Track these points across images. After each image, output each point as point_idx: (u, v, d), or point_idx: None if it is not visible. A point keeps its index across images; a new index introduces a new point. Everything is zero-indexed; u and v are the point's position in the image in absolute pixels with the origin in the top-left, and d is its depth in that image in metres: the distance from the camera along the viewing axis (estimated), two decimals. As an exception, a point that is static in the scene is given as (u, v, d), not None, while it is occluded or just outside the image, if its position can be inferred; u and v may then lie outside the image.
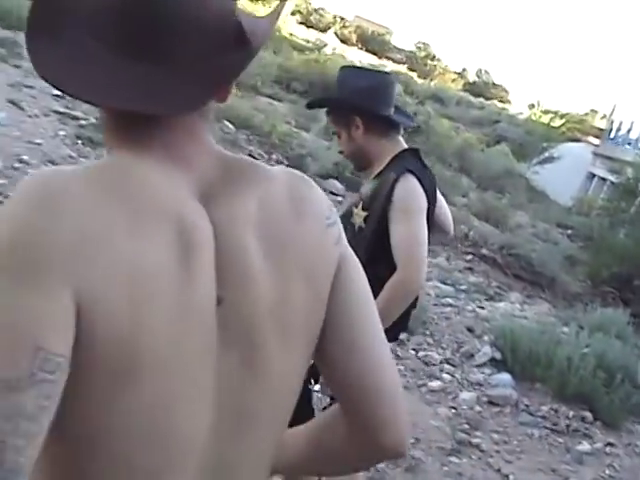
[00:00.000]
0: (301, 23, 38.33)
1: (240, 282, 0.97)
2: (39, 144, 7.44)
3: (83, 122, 9.17)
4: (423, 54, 44.47)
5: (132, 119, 0.96)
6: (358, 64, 13.24)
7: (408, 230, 2.56)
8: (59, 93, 10.28)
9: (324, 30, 40.31)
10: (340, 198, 10.43)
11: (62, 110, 9.39)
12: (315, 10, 43.17)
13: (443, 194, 2.99)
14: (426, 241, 2.56)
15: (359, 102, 2.72)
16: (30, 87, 10.10)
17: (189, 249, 0.92)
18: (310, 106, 3.17)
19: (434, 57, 45.07)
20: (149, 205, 0.91)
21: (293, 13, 38.63)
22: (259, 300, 0.98)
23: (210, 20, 0.94)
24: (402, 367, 5.44)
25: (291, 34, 29.43)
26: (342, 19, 45.01)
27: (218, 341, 0.96)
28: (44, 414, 0.83)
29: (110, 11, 0.93)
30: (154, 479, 0.97)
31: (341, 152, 2.92)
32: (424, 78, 36.06)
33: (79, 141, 8.24)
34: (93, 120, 9.20)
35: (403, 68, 35.87)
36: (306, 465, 1.29)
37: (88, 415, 0.90)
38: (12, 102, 8.88)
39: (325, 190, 10.42)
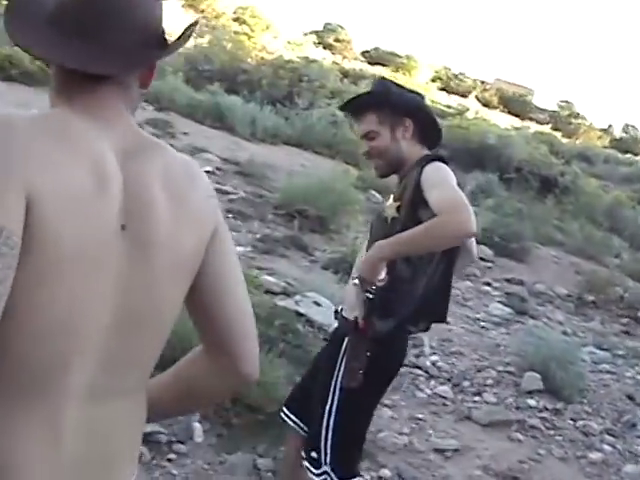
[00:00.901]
0: (442, 89, 38.47)
1: (142, 215, 1.25)
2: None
3: (233, 196, 9.50)
4: (566, 113, 43.56)
5: (71, 83, 1.31)
6: (498, 125, 12.99)
7: (446, 190, 2.59)
8: (210, 169, 10.79)
9: (465, 95, 40.29)
10: (490, 264, 10.26)
11: (213, 186, 9.76)
12: (455, 76, 43.26)
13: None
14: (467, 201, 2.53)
15: (416, 106, 2.91)
16: (183, 165, 10.58)
17: (102, 183, 1.20)
18: (349, 107, 3.14)
19: (578, 115, 44.07)
20: (77, 145, 1.21)
21: (433, 80, 38.88)
22: (156, 232, 1.27)
23: (137, 21, 1.30)
24: (560, 437, 5.21)
25: (433, 101, 29.59)
26: (482, 83, 44.85)
27: (120, 258, 1.23)
28: (7, 280, 1.09)
29: (63, 5, 1.30)
30: (52, 375, 1.20)
31: (367, 154, 2.95)
32: (569, 137, 35.27)
33: (229, 215, 8.52)
34: (243, 194, 9.52)
35: (547, 128, 35.25)
36: (175, 402, 1.55)
37: None
38: (168, 180, 9.31)
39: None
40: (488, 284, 9.31)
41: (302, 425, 3.04)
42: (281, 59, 21.25)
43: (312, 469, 2.87)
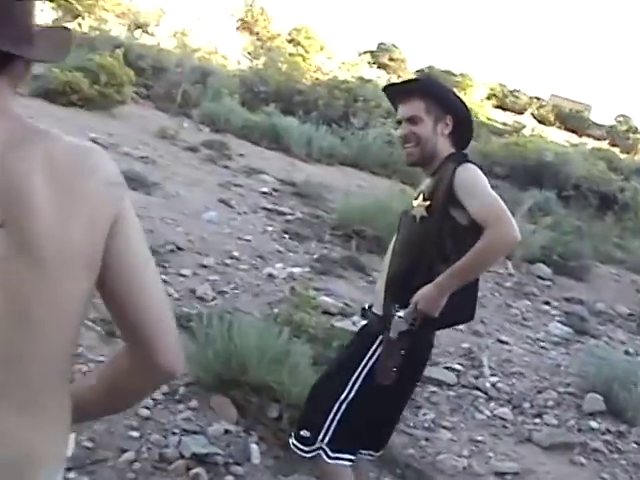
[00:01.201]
0: (497, 107, 38.22)
1: (21, 208, 1.19)
2: (248, 240, 7.82)
3: (290, 217, 9.56)
4: (624, 128, 42.80)
5: None
6: (555, 142, 12.72)
7: (487, 198, 2.68)
8: (266, 190, 10.89)
9: (521, 112, 39.93)
10: (549, 283, 10.12)
11: (270, 207, 9.86)
12: (510, 92, 42.94)
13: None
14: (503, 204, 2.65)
15: (462, 107, 3.00)
16: (239, 186, 10.71)
17: None
18: (393, 90, 3.16)
19: (636, 130, 43.26)
20: None
21: (489, 97, 38.64)
22: (38, 225, 1.20)
23: (18, 15, 1.25)
24: (624, 461, 5.09)
25: (489, 118, 29.41)
26: (538, 99, 44.39)
27: (5, 252, 1.19)
28: None
29: None
30: None
31: (403, 137, 2.98)
32: (627, 153, 34.65)
33: (286, 236, 8.58)
34: (299, 215, 9.58)
35: (604, 144, 34.69)
36: (101, 402, 1.53)
37: None
38: (222, 201, 9.43)
39: (532, 274, 10.21)
40: (547, 303, 9.18)
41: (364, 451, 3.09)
42: (336, 79, 21.40)
43: (301, 447, 2.96)
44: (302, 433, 2.96)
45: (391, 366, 2.76)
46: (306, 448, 2.95)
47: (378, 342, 2.85)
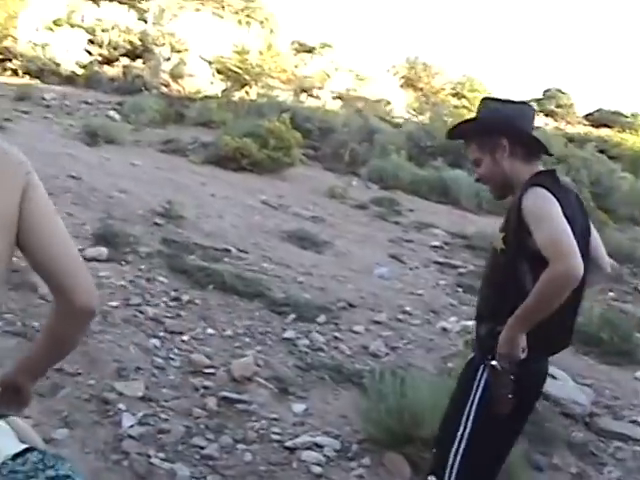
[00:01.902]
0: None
1: None
2: (421, 294, 7.76)
3: (462, 270, 9.42)
4: None
5: None
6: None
7: (548, 229, 2.51)
8: (437, 244, 10.83)
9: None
10: None
11: (441, 260, 9.77)
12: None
13: None
14: (570, 234, 2.47)
15: (508, 124, 2.79)
16: (409, 241, 10.70)
17: None
18: (452, 136, 3.09)
19: None
20: None
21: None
22: None
23: None
24: None
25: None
26: None
27: None
28: None
29: None
30: None
31: (478, 180, 2.96)
32: None
33: (459, 289, 8.44)
34: (472, 267, 9.42)
35: None
36: (44, 353, 1.91)
37: None
38: (393, 256, 9.44)
39: None
40: None
41: None
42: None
43: None
44: (429, 479, 2.84)
45: (505, 393, 2.65)
46: None
47: (480, 372, 2.75)
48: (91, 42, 24.53)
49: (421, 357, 5.76)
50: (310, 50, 34.73)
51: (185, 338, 5.44)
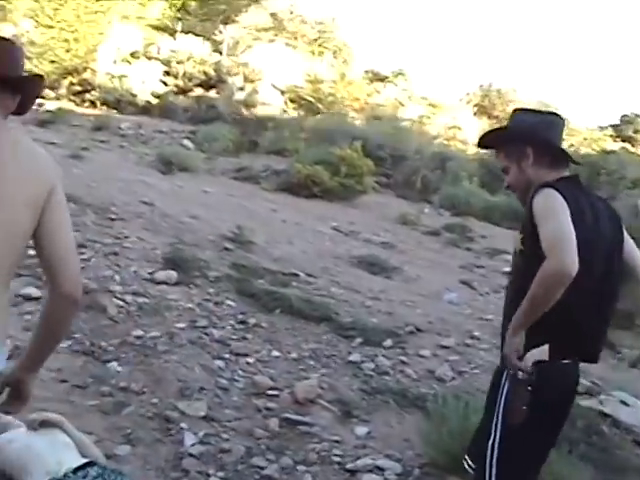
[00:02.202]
0: None
1: None
2: (489, 320, 7.61)
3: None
4: None
5: None
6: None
7: (551, 226, 2.56)
8: (509, 270, 10.63)
9: None
10: None
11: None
12: None
13: None
14: (570, 233, 2.51)
15: (533, 133, 2.87)
16: (481, 267, 10.56)
17: None
18: (483, 146, 3.21)
19: None
20: None
21: None
22: (5, 180, 2.00)
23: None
24: None
25: None
26: None
27: None
28: None
29: None
30: None
31: (507, 187, 3.02)
32: None
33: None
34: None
35: None
36: (40, 341, 2.24)
37: None
38: (464, 282, 9.33)
39: None
40: None
41: None
42: (576, 154, 20.75)
43: None
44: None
45: (519, 405, 2.67)
46: None
47: (504, 378, 2.78)
48: (167, 73, 25.11)
49: (487, 381, 5.60)
50: (383, 79, 34.88)
51: (250, 360, 5.45)
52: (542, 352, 2.68)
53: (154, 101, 23.10)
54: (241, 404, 4.71)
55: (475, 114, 31.30)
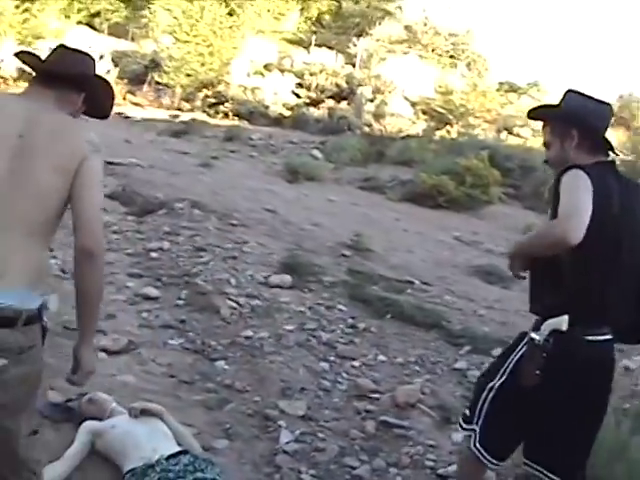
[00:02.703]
0: None
1: (31, 133, 2.38)
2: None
3: None
4: None
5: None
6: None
7: (566, 199, 2.69)
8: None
9: None
10: None
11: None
12: None
13: None
14: (584, 209, 2.63)
15: (584, 117, 2.96)
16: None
17: (14, 117, 2.41)
18: (532, 116, 3.26)
19: None
20: (22, 101, 2.54)
21: None
22: (38, 143, 2.38)
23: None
24: None
25: None
26: None
27: (17, 150, 2.35)
28: None
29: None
30: None
31: (545, 161, 3.15)
32: None
33: None
34: None
35: None
36: (78, 312, 2.45)
37: None
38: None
39: None
40: None
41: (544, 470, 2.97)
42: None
43: (462, 424, 3.10)
44: (465, 411, 3.12)
45: (533, 369, 2.81)
46: (465, 425, 3.07)
47: (524, 342, 2.92)
48: (299, 85, 25.54)
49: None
50: (517, 90, 34.22)
51: (356, 364, 5.47)
52: (560, 322, 2.80)
53: (286, 113, 23.50)
54: (341, 405, 4.73)
55: (612, 125, 30.09)
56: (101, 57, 26.58)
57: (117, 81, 25.97)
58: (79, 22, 33.92)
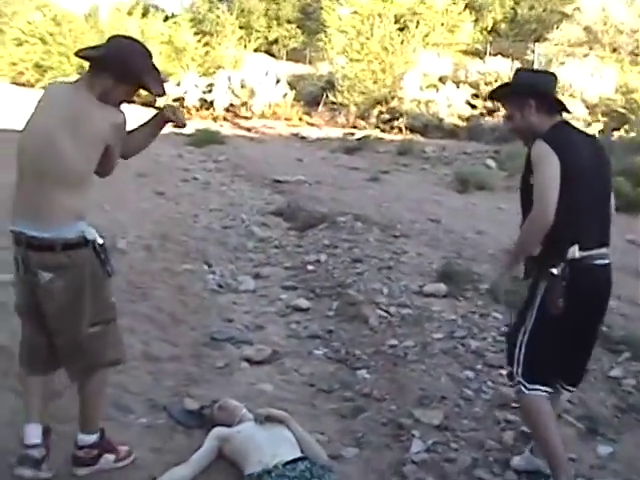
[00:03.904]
0: None
1: (74, 116, 3.18)
2: None
3: None
4: None
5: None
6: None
7: (541, 178, 3.34)
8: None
9: None
10: None
11: None
12: None
13: None
14: (551, 187, 3.30)
15: (535, 87, 3.61)
16: None
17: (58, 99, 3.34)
18: (493, 97, 3.95)
19: None
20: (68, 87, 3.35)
21: None
22: (79, 125, 3.17)
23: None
24: None
25: None
26: None
27: (62, 129, 3.15)
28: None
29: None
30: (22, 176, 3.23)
31: (511, 130, 3.78)
32: None
33: None
34: None
35: None
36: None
37: None
38: None
39: None
40: None
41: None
42: None
43: (509, 382, 3.62)
44: (506, 372, 3.62)
45: (557, 297, 3.33)
46: (511, 383, 3.57)
47: (541, 283, 3.44)
48: (475, 96, 25.06)
49: None
50: None
51: (503, 372, 5.19)
52: (573, 251, 3.37)
53: (461, 124, 23.14)
54: (481, 415, 4.49)
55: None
56: (277, 82, 27.40)
57: (293, 103, 26.67)
58: (256, 50, 35.15)
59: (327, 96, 26.38)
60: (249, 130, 24.54)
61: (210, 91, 26.68)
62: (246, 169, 15.78)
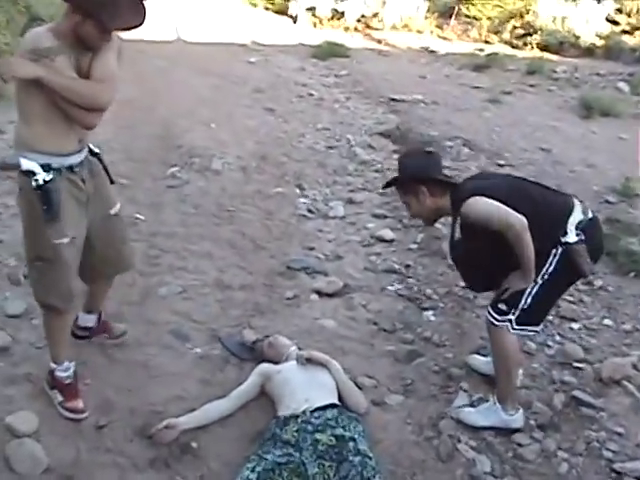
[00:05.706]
0: None
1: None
2: None
3: None
4: None
5: None
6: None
7: (492, 218, 3.42)
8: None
9: None
10: None
11: None
12: None
13: None
14: (500, 206, 3.41)
15: (421, 175, 3.76)
16: None
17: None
18: (385, 187, 4.12)
19: None
20: None
21: None
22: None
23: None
24: None
25: None
26: None
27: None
28: None
29: None
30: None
31: (413, 216, 3.98)
32: None
33: None
34: None
35: None
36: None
37: None
38: None
39: None
40: None
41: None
42: None
43: (495, 316, 3.64)
44: (499, 306, 3.63)
45: (585, 258, 3.48)
46: (499, 318, 3.62)
47: (552, 256, 3.52)
48: (619, 11, 23.58)
49: None
50: None
51: (575, 326, 5.06)
52: (573, 220, 3.52)
53: (598, 42, 21.86)
54: (538, 372, 4.40)
55: None
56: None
57: (427, 15, 25.87)
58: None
59: (460, 9, 25.41)
60: (379, 42, 24.02)
61: (342, 0, 26.18)
62: (365, 85, 15.50)
